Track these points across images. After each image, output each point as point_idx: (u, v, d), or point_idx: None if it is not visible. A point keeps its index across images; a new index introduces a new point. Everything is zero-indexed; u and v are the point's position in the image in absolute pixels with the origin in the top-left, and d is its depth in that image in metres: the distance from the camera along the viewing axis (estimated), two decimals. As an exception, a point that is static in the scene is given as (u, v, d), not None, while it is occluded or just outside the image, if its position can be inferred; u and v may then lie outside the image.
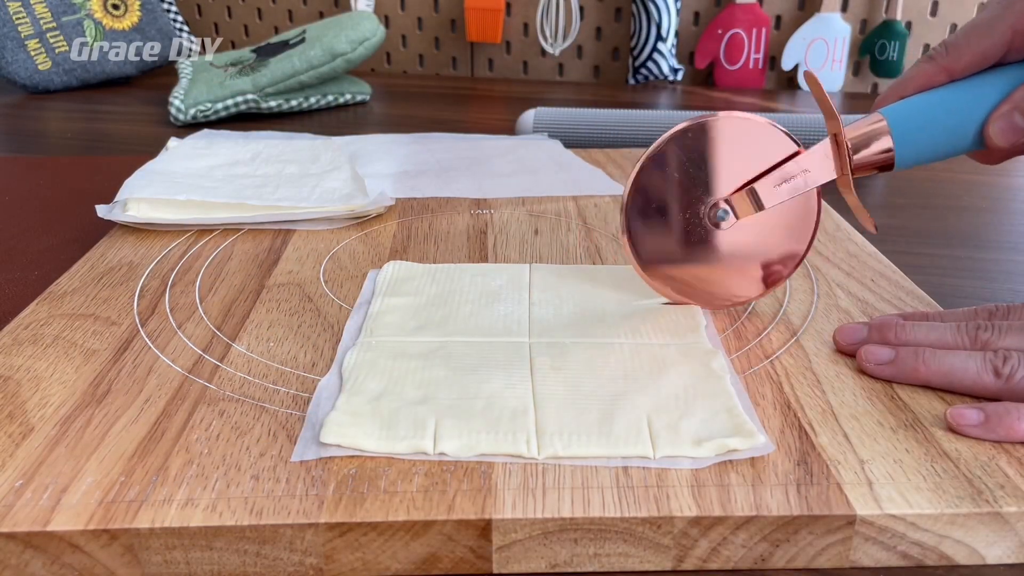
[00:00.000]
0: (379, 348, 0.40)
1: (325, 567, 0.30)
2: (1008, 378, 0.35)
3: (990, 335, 0.37)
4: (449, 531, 0.30)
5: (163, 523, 0.29)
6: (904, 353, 0.37)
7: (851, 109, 1.05)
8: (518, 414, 0.35)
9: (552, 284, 0.47)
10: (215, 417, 0.36)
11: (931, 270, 0.55)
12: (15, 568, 0.30)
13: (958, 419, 0.34)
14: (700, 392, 0.36)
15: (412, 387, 0.37)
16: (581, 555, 0.31)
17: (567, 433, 0.34)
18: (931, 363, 0.36)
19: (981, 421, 0.33)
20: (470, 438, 0.33)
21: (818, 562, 0.31)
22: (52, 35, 1.07)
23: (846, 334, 0.40)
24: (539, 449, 0.33)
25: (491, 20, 1.19)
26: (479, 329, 0.42)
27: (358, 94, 1.04)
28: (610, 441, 0.33)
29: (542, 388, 0.37)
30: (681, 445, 0.33)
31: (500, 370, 0.38)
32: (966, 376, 0.36)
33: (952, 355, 0.36)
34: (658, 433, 0.33)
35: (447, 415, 0.35)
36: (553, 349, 0.40)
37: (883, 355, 0.37)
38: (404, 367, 0.38)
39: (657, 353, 0.39)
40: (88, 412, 0.36)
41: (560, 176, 0.68)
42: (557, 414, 0.35)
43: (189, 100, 0.93)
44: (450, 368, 0.38)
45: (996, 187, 0.74)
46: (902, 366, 0.37)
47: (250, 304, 0.46)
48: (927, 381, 0.37)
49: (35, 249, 0.58)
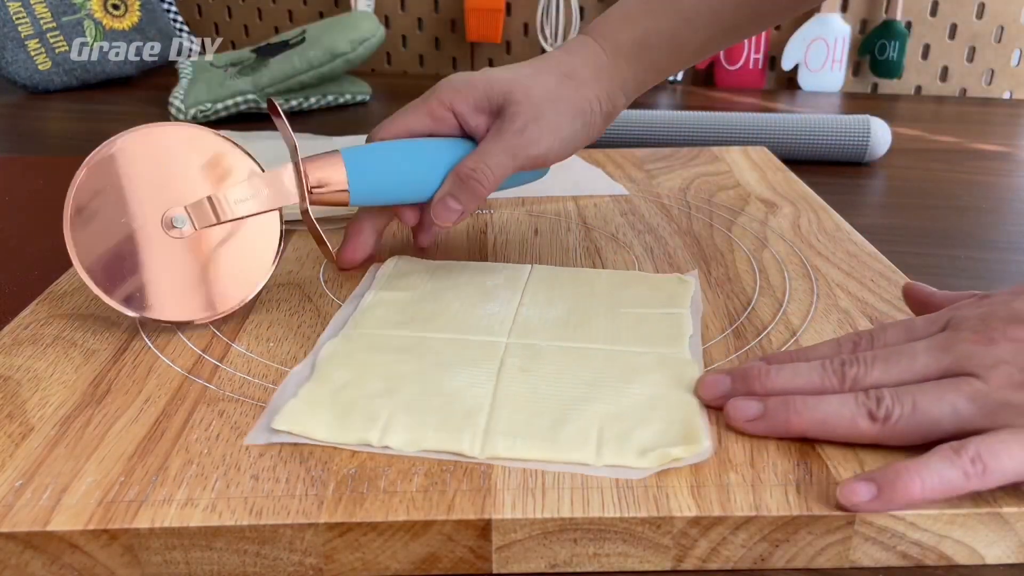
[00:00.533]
0: (359, 340, 0.41)
1: (325, 567, 0.30)
2: (884, 420, 0.32)
3: (856, 370, 0.34)
4: (449, 531, 0.30)
5: (163, 523, 0.29)
6: (773, 405, 0.34)
7: (851, 109, 1.05)
8: (472, 413, 0.35)
9: (548, 286, 0.47)
10: (215, 417, 0.36)
11: (931, 270, 0.55)
12: (15, 568, 0.30)
13: (850, 496, 0.30)
14: (664, 402, 0.36)
15: (377, 380, 0.37)
16: (581, 555, 0.31)
17: (514, 435, 0.33)
18: (803, 412, 0.33)
19: (874, 495, 0.30)
20: (416, 433, 0.33)
21: (818, 562, 0.31)
22: (52, 35, 1.07)
23: (707, 388, 0.36)
24: (481, 449, 0.33)
25: (491, 20, 1.19)
26: (461, 327, 0.42)
27: (358, 94, 1.04)
28: (555, 446, 0.33)
29: (505, 389, 0.37)
30: (626, 455, 0.32)
31: (469, 368, 0.38)
32: (841, 424, 0.33)
33: (824, 401, 0.33)
34: (606, 441, 0.33)
35: (402, 410, 0.35)
36: (527, 351, 0.40)
37: (751, 410, 0.34)
38: (377, 360, 0.39)
39: (632, 361, 0.39)
40: (88, 412, 0.36)
41: (560, 176, 0.68)
42: (510, 415, 0.35)
43: (189, 100, 0.93)
44: (420, 364, 0.38)
45: (996, 187, 0.74)
46: (772, 420, 0.33)
47: (250, 304, 0.46)
48: (803, 433, 0.33)
49: (35, 249, 0.58)
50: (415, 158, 0.46)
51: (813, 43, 1.13)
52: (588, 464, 0.32)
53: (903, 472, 0.30)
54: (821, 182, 0.67)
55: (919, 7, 1.11)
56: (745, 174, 0.68)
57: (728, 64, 1.17)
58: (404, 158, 0.46)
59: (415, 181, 0.46)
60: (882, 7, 1.13)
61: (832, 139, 0.78)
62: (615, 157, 0.74)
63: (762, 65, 1.17)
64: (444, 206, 0.45)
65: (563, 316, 0.43)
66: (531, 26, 1.23)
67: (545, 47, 1.19)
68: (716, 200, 0.62)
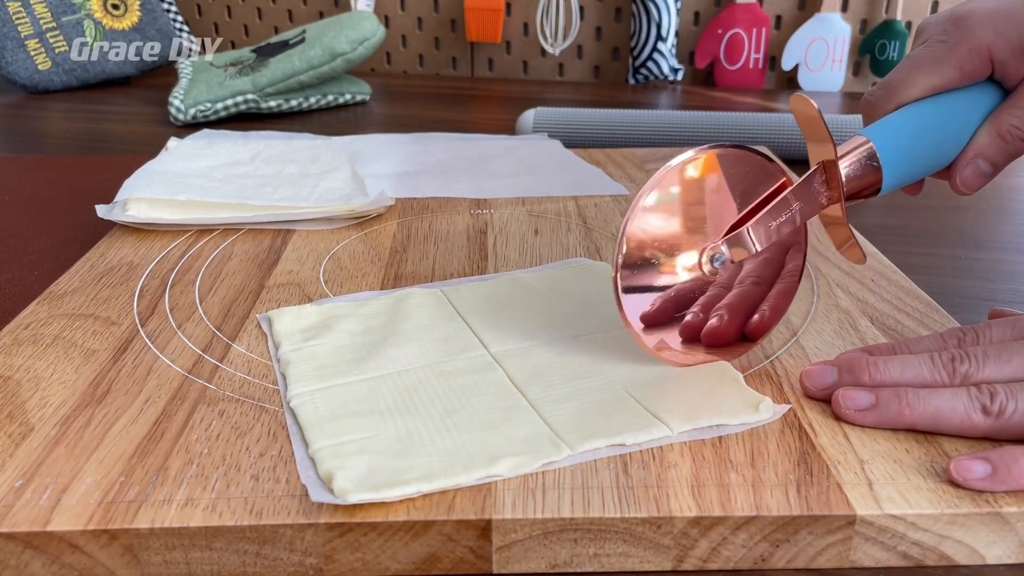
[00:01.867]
0: (333, 395, 0.37)
1: (325, 567, 0.30)
2: (998, 415, 0.33)
3: (968, 366, 0.35)
4: (449, 531, 0.30)
5: (163, 523, 0.29)
6: (885, 396, 0.34)
7: (851, 109, 1.05)
8: (529, 428, 0.34)
9: (477, 298, 0.46)
10: (215, 417, 0.36)
11: (931, 270, 0.55)
12: (15, 568, 0.30)
13: (964, 473, 0.31)
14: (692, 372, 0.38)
15: (389, 428, 0.34)
16: (581, 555, 0.31)
17: (582, 432, 0.34)
18: (916, 405, 0.34)
19: (988, 474, 0.31)
20: (500, 462, 0.32)
21: (818, 562, 0.31)
22: (52, 35, 1.07)
23: (815, 378, 0.36)
24: (571, 447, 0.33)
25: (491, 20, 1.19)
26: (432, 355, 0.40)
27: (358, 94, 1.04)
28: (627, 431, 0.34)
29: (532, 395, 0.37)
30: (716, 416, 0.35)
31: (479, 391, 0.37)
32: (954, 417, 0.33)
33: (936, 395, 0.34)
34: (679, 412, 0.35)
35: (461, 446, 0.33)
36: (516, 357, 0.39)
37: (863, 400, 0.34)
38: (370, 409, 0.36)
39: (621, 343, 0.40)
40: (88, 412, 0.36)
41: (560, 176, 0.68)
42: (563, 414, 0.35)
43: (189, 100, 0.93)
44: (416, 400, 0.36)
45: (996, 187, 0.74)
46: (885, 410, 0.34)
47: (250, 304, 0.46)
48: (913, 425, 0.34)
49: (35, 249, 0.58)
50: (944, 123, 0.39)
51: (813, 43, 1.13)
52: (670, 434, 0.33)
53: (1020, 457, 0.31)
54: (821, 182, 0.67)
55: (919, 7, 1.11)
56: (745, 174, 0.68)
57: (728, 64, 1.17)
58: (933, 126, 0.38)
59: (946, 150, 0.39)
60: (882, 7, 1.13)
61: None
62: (615, 157, 0.74)
63: (762, 65, 1.17)
64: (975, 170, 0.38)
65: (520, 316, 0.43)
66: (531, 26, 1.23)
67: (545, 47, 1.20)
68: (716, 200, 0.62)
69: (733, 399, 0.36)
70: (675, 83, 1.20)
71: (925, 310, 0.45)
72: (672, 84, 1.20)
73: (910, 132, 0.38)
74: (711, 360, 0.39)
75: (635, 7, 1.15)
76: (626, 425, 0.34)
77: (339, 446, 0.33)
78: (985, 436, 0.33)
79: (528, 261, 0.52)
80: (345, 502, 0.29)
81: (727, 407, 0.35)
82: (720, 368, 0.38)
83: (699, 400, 0.36)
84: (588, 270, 0.49)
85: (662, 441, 0.33)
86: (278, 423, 0.35)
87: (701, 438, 0.34)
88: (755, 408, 0.35)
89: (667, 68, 1.17)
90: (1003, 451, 0.31)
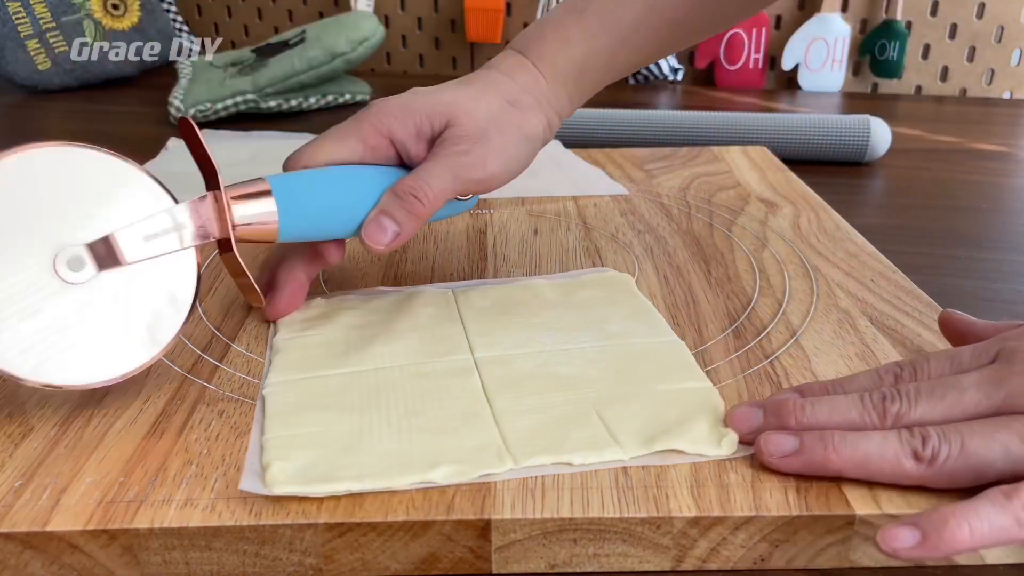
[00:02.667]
0: (308, 386, 0.37)
1: (324, 567, 0.30)
2: (931, 461, 0.30)
3: (899, 406, 0.32)
4: (448, 531, 0.30)
5: (162, 523, 0.29)
6: (809, 440, 0.32)
7: (851, 109, 1.05)
8: (483, 435, 0.34)
9: (484, 300, 0.45)
10: (215, 417, 0.36)
11: (931, 270, 0.55)
12: (15, 568, 0.30)
13: (892, 543, 0.28)
14: (672, 395, 0.36)
15: (351, 424, 0.35)
16: (580, 555, 0.31)
17: (533, 448, 0.33)
18: (842, 450, 0.31)
19: (918, 542, 0.28)
20: (449, 465, 0.32)
21: (818, 562, 0.31)
22: (52, 35, 1.07)
23: (739, 421, 0.34)
24: (515, 461, 0.32)
25: (491, 20, 1.19)
26: (418, 354, 0.40)
27: (358, 94, 1.04)
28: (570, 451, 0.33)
29: (499, 404, 0.36)
30: (677, 442, 0.33)
31: (450, 394, 0.37)
32: (884, 464, 0.31)
33: (865, 438, 0.31)
34: (635, 436, 0.33)
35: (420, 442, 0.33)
36: (499, 364, 0.39)
37: (786, 445, 0.32)
38: (340, 404, 0.36)
39: (619, 356, 0.39)
40: (87, 412, 0.36)
41: (560, 176, 0.68)
42: (518, 427, 0.34)
43: (189, 100, 0.93)
44: (390, 399, 0.36)
45: (996, 187, 0.74)
46: (810, 455, 0.31)
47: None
48: (840, 471, 0.31)
49: (35, 249, 0.58)
50: (350, 186, 0.41)
51: (813, 43, 1.13)
52: (622, 460, 0.32)
53: (950, 518, 0.28)
54: (821, 182, 0.67)
55: (919, 7, 1.11)
56: (745, 174, 0.68)
57: (728, 64, 1.17)
58: (338, 186, 0.41)
59: (350, 213, 0.41)
60: (882, 7, 1.13)
61: (832, 139, 0.78)
62: (615, 157, 0.74)
63: (762, 65, 1.17)
64: (378, 226, 0.41)
65: (518, 324, 0.43)
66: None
67: (545, 47, 1.19)
68: (716, 200, 0.62)
69: (701, 429, 0.34)
70: (675, 83, 1.20)
71: (925, 310, 0.45)
72: (672, 84, 1.20)
73: (311, 183, 0.40)
74: None
75: (635, 7, 1.15)
76: (580, 444, 0.33)
77: (291, 438, 0.33)
78: (919, 484, 0.31)
79: (528, 261, 0.52)
80: (271, 492, 0.30)
81: (691, 435, 0.33)
82: (705, 397, 0.36)
83: (667, 425, 0.34)
84: (607, 281, 0.48)
85: (613, 464, 0.32)
86: (278, 423, 0.35)
87: (653, 463, 0.32)
88: (718, 442, 0.33)
89: (667, 68, 1.17)
90: (932, 513, 0.28)
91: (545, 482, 0.31)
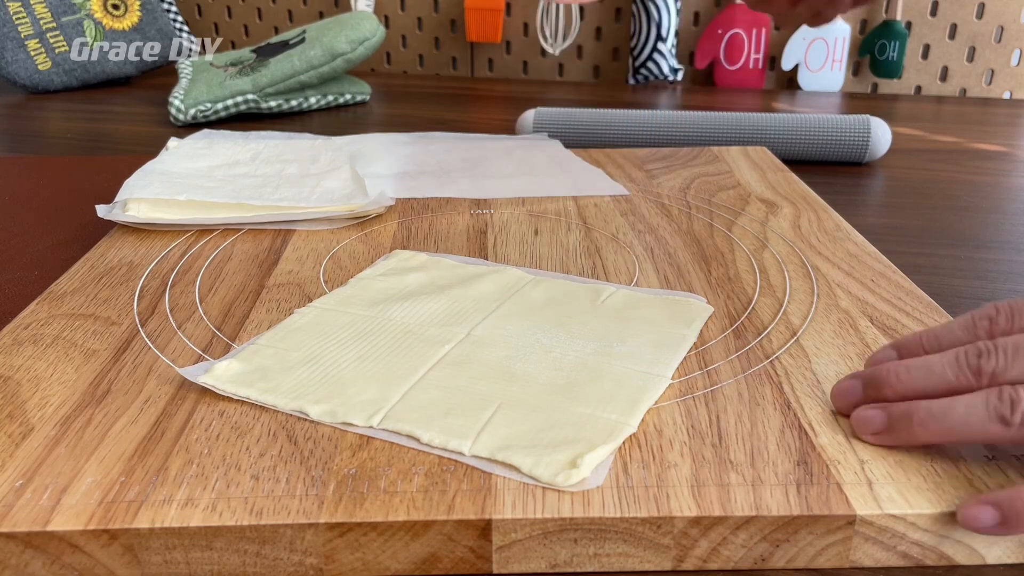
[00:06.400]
0: (313, 314, 0.43)
1: (325, 567, 0.30)
2: (1020, 426, 0.30)
3: (995, 363, 0.32)
4: (449, 531, 0.30)
5: (163, 523, 0.29)
6: (897, 417, 0.33)
7: (851, 109, 1.05)
8: (387, 392, 0.36)
9: (545, 291, 0.46)
10: (215, 417, 0.36)
11: (931, 270, 0.55)
12: (15, 568, 0.30)
13: (972, 523, 0.29)
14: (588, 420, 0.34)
15: (305, 350, 0.39)
16: (581, 555, 0.31)
17: (409, 416, 0.34)
18: (929, 424, 0.32)
19: (999, 521, 0.29)
20: (331, 404, 0.35)
21: (818, 562, 0.31)
22: (52, 35, 1.07)
23: (841, 396, 0.35)
24: (380, 422, 0.34)
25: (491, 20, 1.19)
26: (424, 319, 0.43)
27: (358, 94, 1.04)
28: (431, 429, 0.33)
29: (431, 377, 0.37)
30: (508, 452, 0.32)
31: (406, 354, 0.39)
32: (970, 431, 0.31)
33: (951, 409, 0.32)
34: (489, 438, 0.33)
35: (319, 382, 0.37)
36: (475, 344, 0.40)
37: (876, 422, 0.33)
38: (318, 332, 0.41)
39: (580, 369, 0.38)
40: (88, 412, 0.36)
41: (560, 176, 0.68)
42: (419, 398, 0.36)
43: (189, 100, 0.93)
44: (360, 343, 0.40)
45: (996, 187, 0.74)
46: (898, 433, 0.33)
47: (250, 304, 0.46)
48: (929, 442, 0.33)
49: (35, 249, 0.58)
50: None
51: (813, 43, 1.13)
52: (462, 453, 0.33)
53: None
54: (821, 182, 0.67)
55: (919, 7, 1.11)
56: (745, 174, 0.68)
57: (728, 64, 1.17)
58: None
59: None
60: (882, 7, 1.13)
61: (832, 139, 0.78)
62: (615, 157, 0.74)
63: (762, 65, 1.17)
64: None
65: (539, 317, 0.43)
66: (531, 26, 1.23)
67: (545, 47, 1.20)
68: (716, 200, 0.62)
69: (558, 457, 0.32)
70: (675, 83, 1.20)
71: (925, 310, 0.45)
72: (672, 84, 1.20)
73: None
74: None
75: (635, 7, 1.15)
76: (444, 427, 0.33)
77: (262, 348, 0.39)
78: (1008, 443, 0.32)
79: (528, 261, 0.52)
80: (197, 382, 0.36)
81: (540, 459, 0.32)
82: (606, 429, 0.34)
83: (534, 442, 0.33)
84: (679, 307, 0.45)
85: (452, 454, 0.32)
86: (278, 423, 0.35)
87: (485, 469, 0.32)
88: (558, 473, 0.31)
89: (667, 68, 1.17)
90: (1012, 493, 0.29)
91: (546, 482, 0.31)
